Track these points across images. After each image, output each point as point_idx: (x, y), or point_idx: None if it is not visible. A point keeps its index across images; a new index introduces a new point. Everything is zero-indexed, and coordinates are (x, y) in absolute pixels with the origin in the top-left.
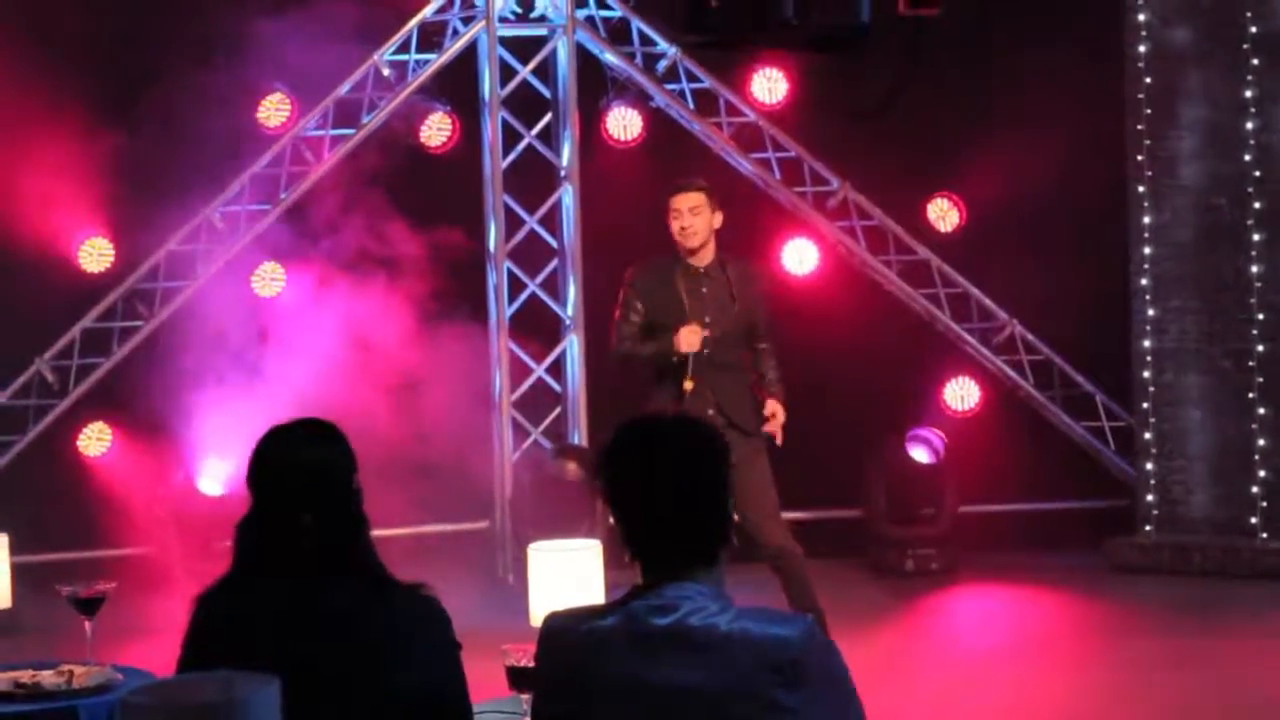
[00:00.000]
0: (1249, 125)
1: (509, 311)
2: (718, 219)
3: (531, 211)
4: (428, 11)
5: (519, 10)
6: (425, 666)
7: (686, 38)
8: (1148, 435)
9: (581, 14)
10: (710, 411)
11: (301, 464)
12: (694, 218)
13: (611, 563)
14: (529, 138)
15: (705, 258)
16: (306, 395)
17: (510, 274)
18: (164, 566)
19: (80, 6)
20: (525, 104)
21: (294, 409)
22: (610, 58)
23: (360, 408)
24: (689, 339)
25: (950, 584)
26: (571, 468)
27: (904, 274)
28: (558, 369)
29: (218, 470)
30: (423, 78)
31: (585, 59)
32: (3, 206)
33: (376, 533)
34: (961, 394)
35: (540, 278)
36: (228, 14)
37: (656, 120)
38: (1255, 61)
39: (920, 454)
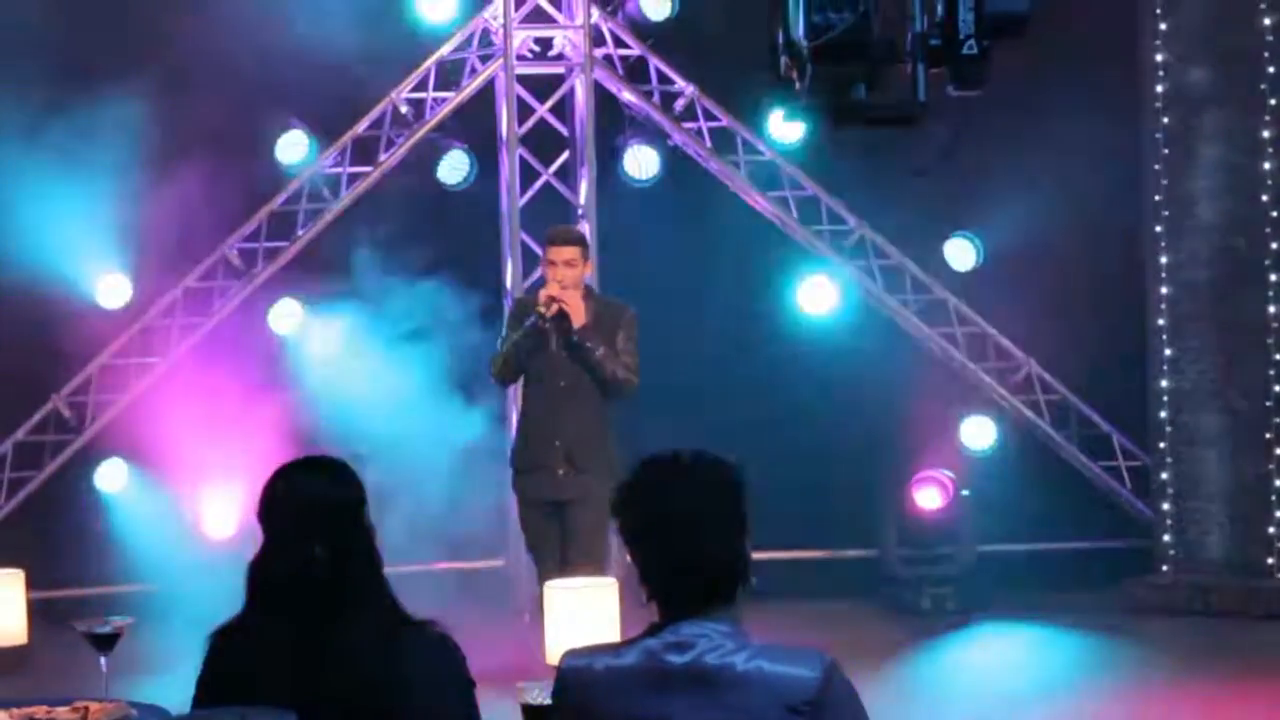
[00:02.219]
0: (1266, 165)
1: None
2: (587, 269)
3: None
4: (446, 50)
5: (537, 49)
6: (439, 703)
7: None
8: (1165, 475)
9: (599, 52)
10: (557, 443)
11: (311, 499)
12: (568, 270)
13: (628, 600)
14: (546, 176)
15: (574, 297)
16: (323, 432)
17: None
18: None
19: (96, 43)
20: (543, 142)
21: (311, 446)
22: (628, 96)
23: (378, 444)
24: (549, 289)
25: (966, 624)
26: None
27: (921, 313)
28: None
29: (232, 506)
30: (440, 115)
31: (603, 97)
32: (21, 243)
33: (393, 569)
34: (978, 433)
35: None
36: (246, 51)
37: (674, 158)
38: (1273, 101)
39: (929, 497)
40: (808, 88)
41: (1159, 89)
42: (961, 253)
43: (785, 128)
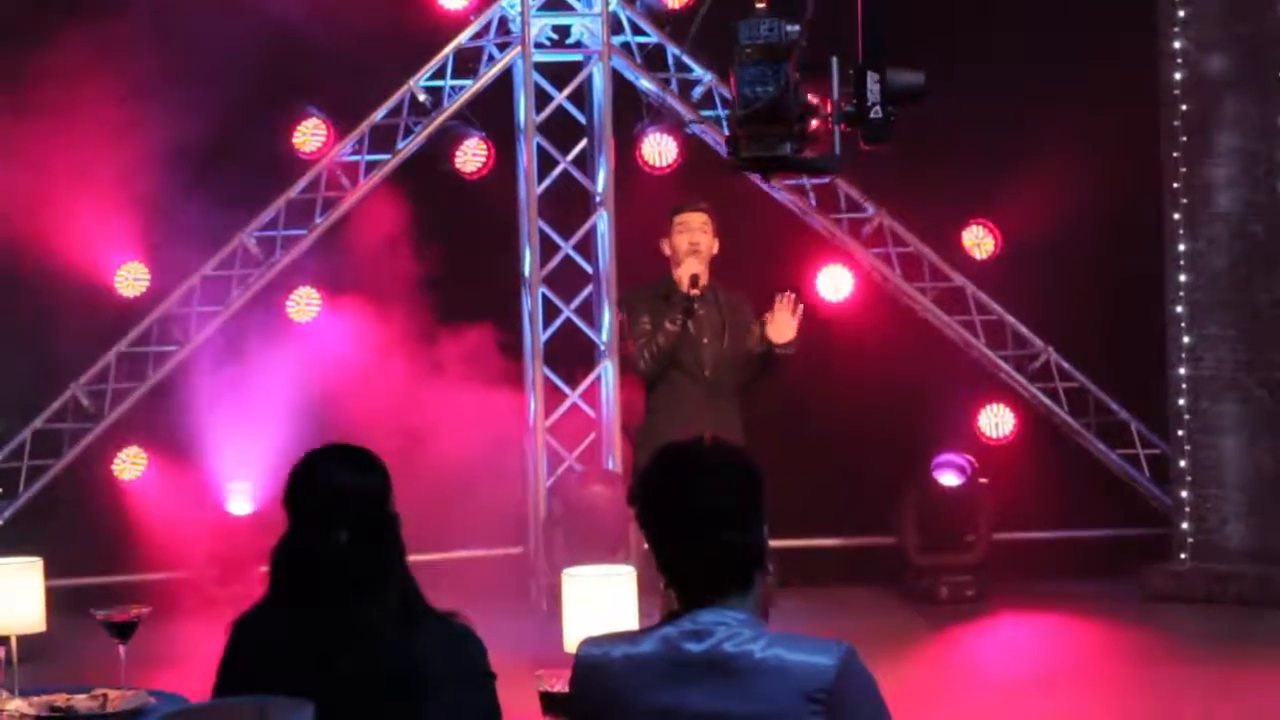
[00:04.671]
0: None
1: (544, 337)
2: (716, 245)
3: (566, 237)
4: (464, 37)
5: (555, 36)
6: (459, 694)
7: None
8: (1183, 463)
9: (617, 40)
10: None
11: (336, 486)
12: (703, 235)
13: (646, 588)
14: (564, 163)
15: (700, 281)
16: (340, 420)
17: (545, 300)
18: (198, 590)
19: (112, 31)
20: (560, 130)
21: (328, 434)
22: (645, 84)
23: (393, 432)
24: (689, 267)
25: (984, 612)
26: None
27: (939, 301)
28: (592, 395)
29: (250, 494)
30: (458, 103)
31: (621, 85)
32: (40, 232)
33: (412, 557)
34: (996, 421)
35: (575, 303)
36: (264, 39)
37: (691, 146)
38: None
39: (949, 478)
40: (746, 145)
41: (1177, 76)
42: (980, 240)
43: None
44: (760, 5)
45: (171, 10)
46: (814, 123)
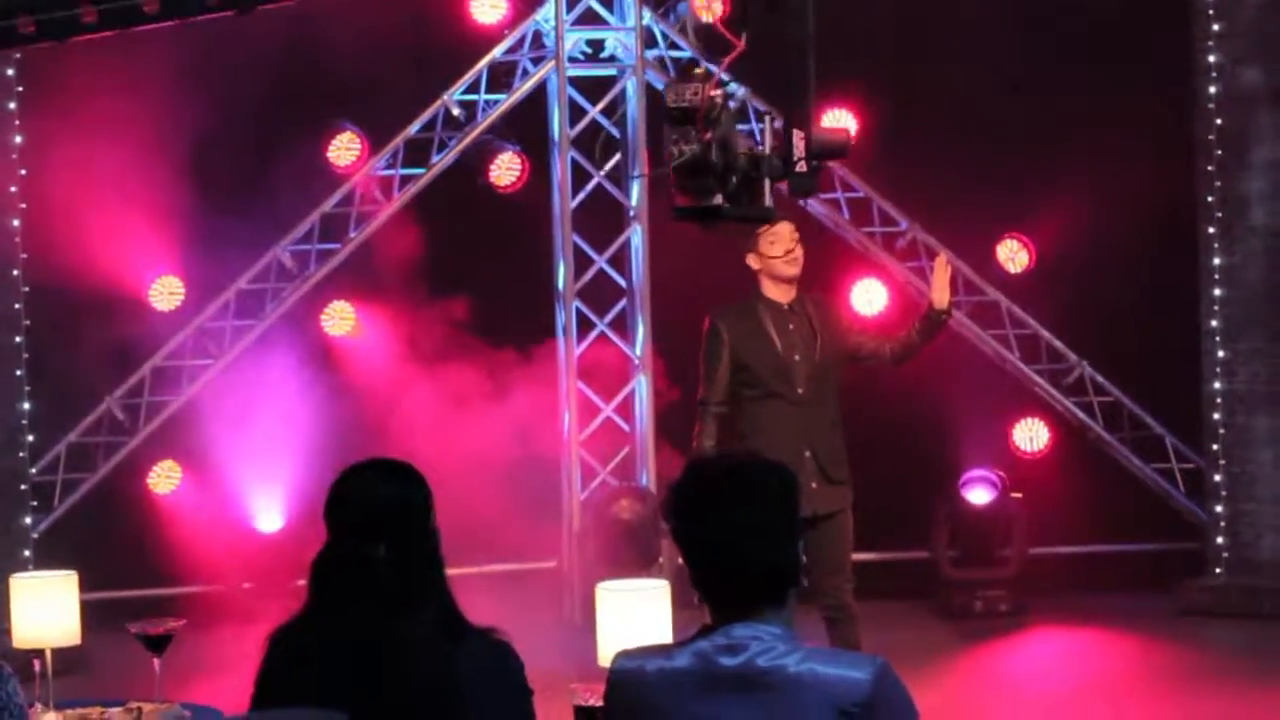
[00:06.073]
0: None
1: (578, 351)
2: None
3: (600, 251)
4: (498, 52)
5: (589, 51)
6: (497, 710)
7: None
8: (1218, 478)
9: (651, 54)
10: (807, 454)
11: (378, 500)
12: (797, 245)
13: (680, 602)
14: (598, 177)
15: (790, 293)
16: (375, 433)
17: (579, 313)
18: (232, 604)
19: (146, 47)
20: (594, 144)
21: (363, 447)
22: None
23: (427, 445)
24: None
25: (1019, 626)
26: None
27: (973, 315)
28: (626, 408)
29: (284, 508)
30: (492, 117)
31: (654, 99)
32: (75, 245)
33: (446, 571)
34: (1031, 435)
35: (609, 317)
36: (298, 53)
37: None
38: None
39: (980, 494)
40: (680, 196)
41: (1212, 90)
42: (1014, 254)
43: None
44: (698, 71)
45: (206, 24)
46: (747, 176)
